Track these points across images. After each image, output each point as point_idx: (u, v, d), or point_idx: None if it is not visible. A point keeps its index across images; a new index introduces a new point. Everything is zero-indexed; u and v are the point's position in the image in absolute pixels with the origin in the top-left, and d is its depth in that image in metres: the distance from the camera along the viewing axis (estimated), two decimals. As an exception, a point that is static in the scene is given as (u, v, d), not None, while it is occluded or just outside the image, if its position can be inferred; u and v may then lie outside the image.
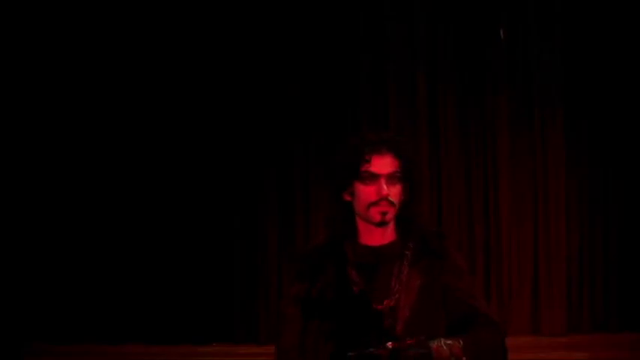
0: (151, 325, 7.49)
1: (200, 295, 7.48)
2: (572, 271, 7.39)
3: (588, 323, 7.35)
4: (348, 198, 2.92)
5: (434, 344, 2.71)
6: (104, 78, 7.56)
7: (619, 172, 7.34)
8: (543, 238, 7.40)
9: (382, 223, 2.88)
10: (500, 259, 7.41)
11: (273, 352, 2.95)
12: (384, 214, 2.86)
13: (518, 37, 7.44)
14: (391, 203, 2.86)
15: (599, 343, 7.21)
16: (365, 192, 2.87)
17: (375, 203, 2.86)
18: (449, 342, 2.74)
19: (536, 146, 7.44)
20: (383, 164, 2.87)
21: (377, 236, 2.91)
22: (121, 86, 7.57)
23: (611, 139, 7.34)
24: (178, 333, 7.48)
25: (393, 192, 2.87)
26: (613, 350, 7.12)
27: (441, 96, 7.51)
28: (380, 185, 2.85)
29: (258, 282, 7.51)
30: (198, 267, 7.51)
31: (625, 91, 7.30)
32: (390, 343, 2.70)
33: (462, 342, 2.76)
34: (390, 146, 2.89)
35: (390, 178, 2.87)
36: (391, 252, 2.89)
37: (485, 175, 7.49)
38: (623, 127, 7.32)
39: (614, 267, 7.33)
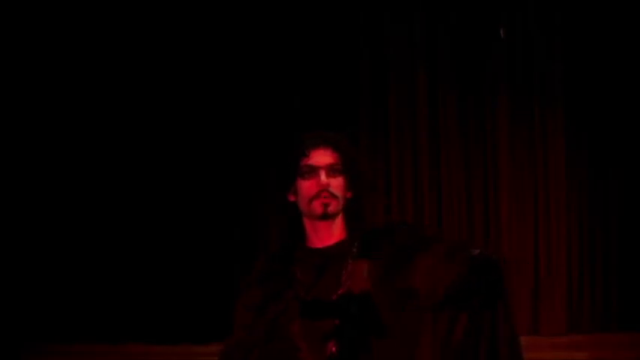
0: (151, 325, 7.50)
1: (200, 295, 7.48)
2: (572, 271, 7.39)
3: (588, 323, 7.35)
4: (292, 198, 2.88)
5: None
6: (104, 78, 7.56)
7: (619, 172, 7.34)
8: (543, 238, 7.41)
9: (325, 216, 2.80)
10: (500, 259, 7.39)
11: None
12: (325, 205, 2.78)
13: (518, 37, 7.44)
14: (332, 195, 2.79)
15: (599, 343, 7.20)
16: (305, 186, 2.82)
17: (315, 196, 2.80)
18: None
19: (537, 146, 7.45)
20: (321, 156, 2.82)
21: (324, 236, 2.83)
22: (122, 87, 7.57)
23: (611, 139, 7.34)
24: (178, 333, 7.49)
25: (334, 184, 2.79)
26: (613, 350, 7.12)
27: (441, 96, 7.52)
28: (319, 177, 2.79)
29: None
30: (199, 267, 7.51)
31: (625, 91, 7.31)
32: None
33: None
34: (329, 140, 2.84)
35: (330, 170, 2.80)
36: (339, 251, 2.81)
37: (485, 175, 7.50)
38: (623, 128, 7.32)
39: (614, 267, 7.34)
